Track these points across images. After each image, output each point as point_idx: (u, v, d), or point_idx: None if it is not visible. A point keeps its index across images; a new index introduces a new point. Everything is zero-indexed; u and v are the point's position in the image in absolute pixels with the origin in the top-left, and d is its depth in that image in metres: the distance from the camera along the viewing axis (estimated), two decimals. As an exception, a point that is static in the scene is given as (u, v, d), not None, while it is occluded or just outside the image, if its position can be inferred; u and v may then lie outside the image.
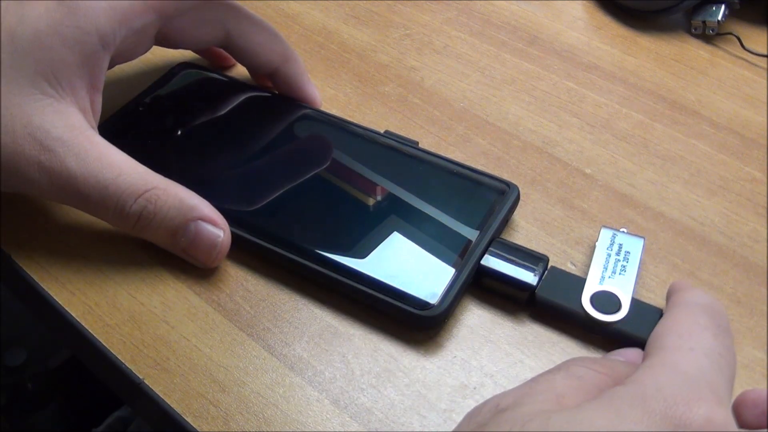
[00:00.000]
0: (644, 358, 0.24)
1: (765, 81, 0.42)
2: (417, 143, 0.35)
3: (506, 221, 0.33)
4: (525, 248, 0.31)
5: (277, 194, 0.33)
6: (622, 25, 0.46)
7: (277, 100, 0.38)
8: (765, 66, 0.43)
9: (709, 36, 0.45)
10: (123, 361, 0.29)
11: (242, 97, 0.38)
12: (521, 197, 0.33)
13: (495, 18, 0.46)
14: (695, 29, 0.45)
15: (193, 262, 0.31)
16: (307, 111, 0.37)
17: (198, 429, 0.27)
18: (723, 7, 0.43)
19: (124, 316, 0.30)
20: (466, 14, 0.46)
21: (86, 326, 0.30)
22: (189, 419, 0.27)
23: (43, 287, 0.31)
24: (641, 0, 0.45)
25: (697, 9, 0.44)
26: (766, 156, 0.38)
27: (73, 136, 0.29)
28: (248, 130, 0.36)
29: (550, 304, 0.29)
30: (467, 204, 0.32)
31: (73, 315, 0.30)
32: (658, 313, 0.29)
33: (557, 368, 0.25)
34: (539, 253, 0.31)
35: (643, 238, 0.31)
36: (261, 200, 0.33)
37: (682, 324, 0.25)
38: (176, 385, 0.28)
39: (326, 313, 0.30)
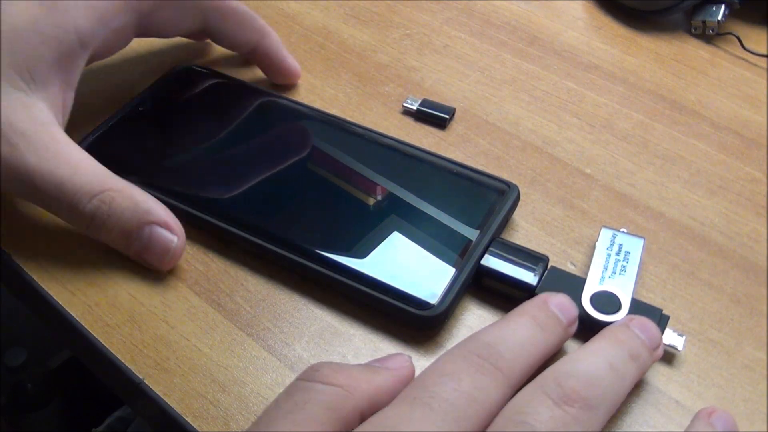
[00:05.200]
0: None
1: (765, 81, 0.42)
2: (454, 110, 0.37)
3: (506, 221, 0.33)
4: (525, 248, 0.31)
5: (277, 194, 0.33)
6: (622, 25, 0.46)
7: (277, 100, 0.38)
8: (765, 66, 0.43)
9: (709, 36, 0.45)
10: (123, 361, 0.29)
11: (243, 98, 0.38)
12: (521, 197, 0.33)
13: (495, 18, 0.46)
14: (695, 29, 0.45)
15: (146, 266, 0.31)
16: (308, 112, 0.37)
17: (198, 429, 0.27)
18: (723, 7, 0.43)
19: (124, 316, 0.30)
20: (466, 14, 0.46)
21: (86, 326, 0.30)
22: (189, 419, 0.27)
23: (43, 287, 0.31)
24: (641, 0, 0.45)
25: (697, 9, 0.44)
26: (766, 156, 0.38)
27: (35, 131, 0.29)
28: (248, 130, 0.36)
29: None
30: (467, 204, 0.32)
31: (73, 315, 0.30)
32: (658, 313, 0.29)
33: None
34: (539, 253, 0.31)
35: (643, 238, 0.31)
36: (261, 200, 0.33)
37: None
38: (176, 385, 0.28)
39: (326, 313, 0.30)
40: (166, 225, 0.30)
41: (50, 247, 0.32)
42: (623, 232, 0.32)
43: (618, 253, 0.31)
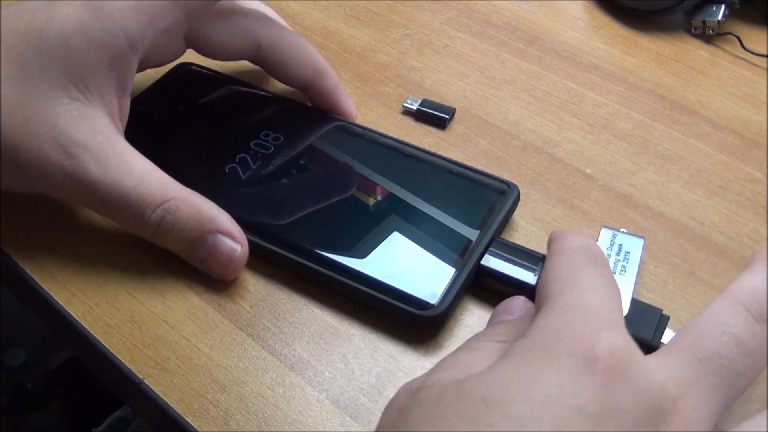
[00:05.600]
0: (537, 310, 0.25)
1: (765, 81, 0.42)
2: (454, 110, 0.37)
3: (506, 221, 0.33)
4: (525, 248, 0.31)
5: (278, 195, 0.33)
6: (622, 25, 0.46)
7: (280, 101, 0.38)
8: (765, 66, 0.43)
9: (709, 36, 0.45)
10: (123, 361, 0.29)
11: (245, 99, 0.38)
12: (521, 197, 0.33)
13: (495, 18, 0.46)
14: (695, 29, 0.45)
15: (209, 274, 0.31)
16: (311, 112, 0.37)
17: (198, 429, 0.27)
18: (723, 7, 0.43)
19: (124, 316, 0.30)
20: (466, 14, 0.46)
21: (86, 326, 0.30)
22: (189, 419, 0.27)
23: (43, 287, 0.31)
24: (641, 0, 0.45)
25: (697, 9, 0.44)
26: (766, 156, 0.38)
27: (96, 143, 0.29)
28: (251, 131, 0.36)
29: None
30: (467, 204, 0.32)
31: (73, 315, 0.30)
32: (658, 314, 0.29)
33: (458, 348, 0.26)
34: (539, 253, 0.31)
35: (643, 238, 0.31)
36: (261, 200, 0.33)
37: (563, 269, 0.26)
38: (176, 385, 0.28)
39: (326, 313, 0.30)
40: (229, 234, 0.30)
41: (50, 247, 0.32)
42: (623, 232, 0.32)
43: (618, 253, 0.31)
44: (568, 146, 0.38)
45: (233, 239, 0.30)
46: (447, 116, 0.38)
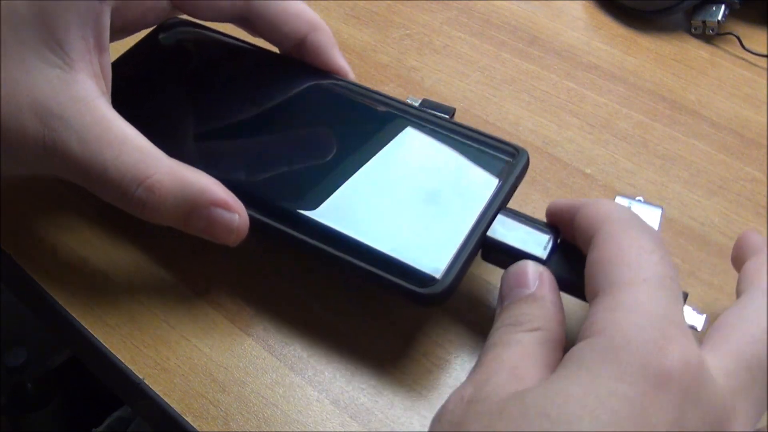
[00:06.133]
0: (594, 294, 0.24)
1: (765, 81, 0.42)
2: (454, 110, 0.34)
3: (515, 189, 0.30)
4: (535, 219, 0.29)
5: (276, 165, 0.31)
6: (622, 25, 0.46)
7: (274, 58, 0.35)
8: (765, 66, 0.43)
9: (709, 36, 0.45)
10: (123, 361, 0.29)
11: (239, 57, 0.35)
12: (521, 197, 0.33)
13: (495, 18, 0.46)
14: (695, 29, 0.45)
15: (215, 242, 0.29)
16: (308, 70, 0.34)
17: (198, 429, 0.27)
18: (723, 7, 0.43)
19: (124, 316, 0.30)
20: (466, 14, 0.46)
21: (86, 326, 0.30)
22: (189, 419, 0.27)
23: (43, 287, 0.31)
24: (641, 0, 0.45)
25: (697, 9, 0.44)
26: (766, 156, 0.38)
27: (75, 111, 0.27)
28: (246, 90, 0.33)
29: (560, 280, 0.27)
30: (472, 170, 0.30)
31: (73, 315, 0.30)
32: None
33: (492, 344, 0.24)
34: (550, 225, 0.29)
35: (661, 207, 0.29)
36: (258, 170, 0.31)
37: (627, 251, 0.24)
38: (176, 385, 0.28)
39: (326, 313, 0.30)
40: (224, 204, 0.28)
41: (50, 247, 0.32)
42: (639, 201, 0.30)
43: None
44: (568, 146, 0.38)
45: (229, 209, 0.28)
46: (447, 116, 0.38)
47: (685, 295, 0.27)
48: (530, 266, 0.26)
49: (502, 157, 0.31)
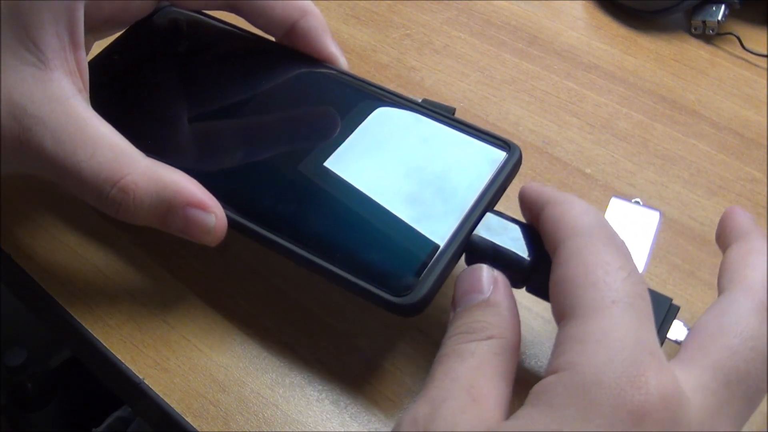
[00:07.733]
0: (561, 316, 0.22)
1: (765, 81, 0.42)
2: (454, 110, 0.31)
3: (504, 188, 0.28)
4: (522, 222, 0.27)
5: (258, 161, 0.30)
6: (622, 25, 0.46)
7: (265, 45, 0.34)
8: (765, 66, 0.43)
9: (709, 36, 0.45)
10: (123, 361, 0.29)
11: (230, 43, 0.34)
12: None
13: (495, 18, 0.46)
14: (695, 29, 0.45)
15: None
16: (299, 58, 0.33)
17: (198, 429, 0.27)
18: (723, 7, 0.43)
19: (124, 316, 0.30)
20: (466, 14, 0.46)
21: (86, 326, 0.30)
22: (189, 419, 0.27)
23: (43, 287, 0.31)
24: (641, 0, 0.45)
25: (697, 9, 0.44)
26: (766, 156, 0.38)
27: (50, 110, 0.27)
28: (234, 79, 0.32)
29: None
30: (459, 167, 0.28)
31: (73, 315, 0.30)
32: (668, 303, 0.26)
33: (444, 355, 0.23)
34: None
35: (659, 211, 0.29)
36: (242, 166, 0.30)
37: (593, 270, 0.22)
38: (176, 385, 0.28)
39: (326, 313, 0.30)
40: (200, 205, 0.27)
41: (50, 247, 0.32)
42: (637, 202, 0.29)
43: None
44: (568, 146, 0.38)
45: (206, 210, 0.27)
46: (440, 111, 0.38)
47: (677, 309, 0.26)
48: (484, 270, 0.25)
49: (493, 153, 0.29)
